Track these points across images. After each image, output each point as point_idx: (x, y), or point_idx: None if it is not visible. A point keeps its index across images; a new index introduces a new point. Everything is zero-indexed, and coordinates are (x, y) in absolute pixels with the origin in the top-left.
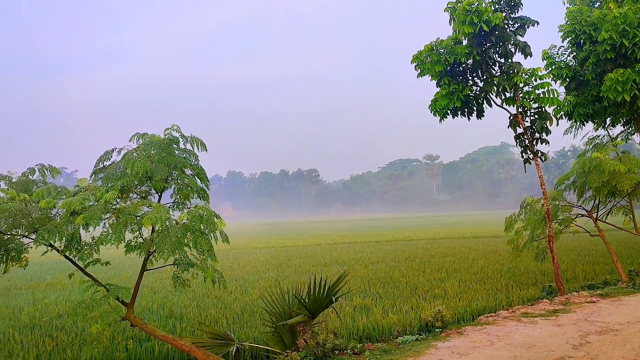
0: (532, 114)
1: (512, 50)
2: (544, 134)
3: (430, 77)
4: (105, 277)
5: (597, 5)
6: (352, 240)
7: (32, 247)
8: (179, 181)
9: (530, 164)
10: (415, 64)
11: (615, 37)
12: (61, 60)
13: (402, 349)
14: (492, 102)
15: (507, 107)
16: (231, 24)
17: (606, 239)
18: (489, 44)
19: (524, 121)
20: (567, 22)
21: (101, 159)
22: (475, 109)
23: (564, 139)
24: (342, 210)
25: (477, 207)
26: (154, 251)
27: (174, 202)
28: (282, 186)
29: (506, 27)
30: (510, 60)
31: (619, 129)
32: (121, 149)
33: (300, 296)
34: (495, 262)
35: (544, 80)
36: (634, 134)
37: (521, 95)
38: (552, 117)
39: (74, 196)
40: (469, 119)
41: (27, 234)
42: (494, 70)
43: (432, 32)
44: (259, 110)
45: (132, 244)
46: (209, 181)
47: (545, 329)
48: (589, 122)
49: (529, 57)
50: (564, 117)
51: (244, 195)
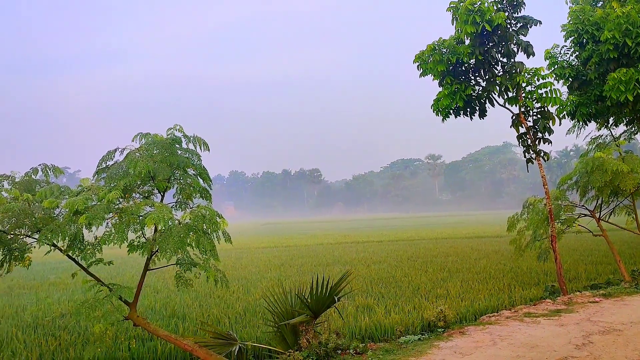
0: (535, 114)
1: (515, 49)
2: (547, 134)
3: (432, 77)
4: (107, 277)
5: (599, 4)
6: (355, 240)
7: (35, 247)
8: (182, 181)
9: (532, 163)
10: (417, 64)
11: (618, 36)
12: (61, 60)
13: (405, 349)
14: (494, 101)
15: (509, 106)
16: (231, 24)
17: (609, 238)
18: (491, 44)
19: (526, 121)
20: (569, 21)
21: (104, 159)
22: (477, 108)
23: (567, 138)
24: (345, 210)
25: (479, 207)
26: (157, 251)
27: (176, 202)
28: (285, 186)
29: (509, 26)
30: (512, 59)
31: (622, 128)
32: (124, 149)
33: (302, 296)
34: (497, 262)
35: (547, 79)
36: (636, 134)
37: (524, 94)
38: (555, 116)
39: (76, 196)
40: (471, 118)
41: (30, 233)
42: (497, 69)
43: (433, 32)
44: (259, 110)
45: (135, 243)
46: (211, 181)
47: (548, 329)
48: (592, 121)
49: (531, 56)
50: (566, 116)
51: (246, 195)
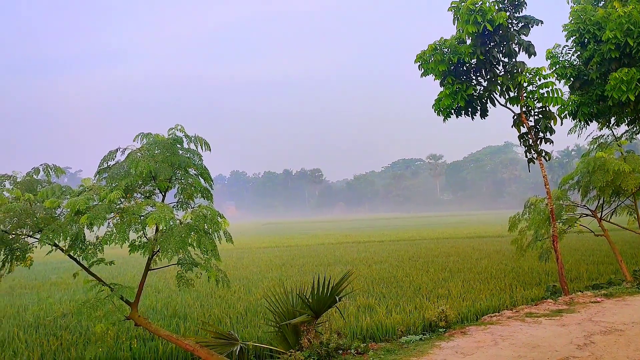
0: (536, 114)
1: (516, 49)
2: (548, 134)
3: (433, 77)
4: (109, 277)
5: (601, 4)
6: (356, 240)
7: (36, 247)
8: (183, 181)
9: (534, 163)
10: (418, 64)
11: (619, 36)
12: (61, 60)
13: (406, 349)
14: (495, 101)
15: (511, 106)
16: (231, 24)
17: (610, 238)
18: (492, 44)
19: (527, 121)
20: (571, 21)
21: (105, 159)
22: (479, 108)
23: (568, 138)
24: (346, 210)
25: (480, 206)
26: (158, 251)
27: (177, 202)
28: (286, 186)
29: (510, 26)
30: (514, 59)
31: (624, 128)
32: (125, 149)
33: (303, 296)
34: (499, 262)
35: (548, 79)
36: (638, 134)
37: (525, 94)
38: (556, 116)
39: (78, 196)
40: (472, 118)
41: (31, 233)
42: (498, 69)
43: (433, 32)
44: (259, 110)
45: (136, 243)
46: (212, 181)
47: (549, 329)
48: (593, 121)
49: (533, 56)
50: (568, 116)
51: (248, 194)
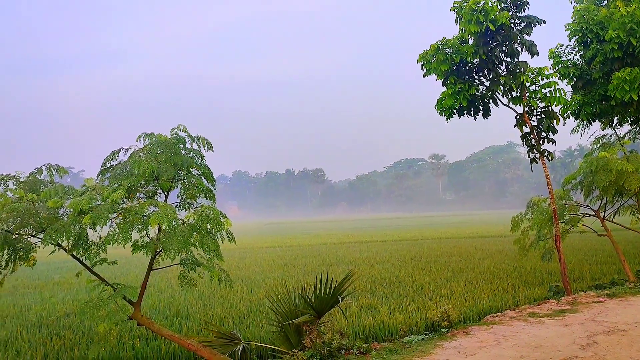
0: (539, 113)
1: (519, 49)
2: (551, 133)
3: (436, 77)
4: (112, 277)
5: (604, 3)
6: (358, 239)
7: (39, 247)
8: (186, 181)
9: (536, 163)
10: (421, 64)
11: (622, 35)
12: (61, 60)
13: (409, 349)
14: (498, 101)
15: (513, 106)
16: (231, 24)
17: (613, 238)
18: (495, 43)
19: (530, 120)
20: (574, 20)
21: (108, 159)
22: (481, 108)
23: (571, 138)
24: (348, 209)
25: (483, 206)
26: (161, 250)
27: (180, 202)
28: (288, 186)
29: (512, 26)
30: (516, 59)
31: (627, 128)
32: (128, 149)
33: (306, 296)
34: (501, 261)
35: (551, 79)
36: None
37: (528, 94)
38: (559, 116)
39: (81, 196)
40: (475, 118)
41: (34, 233)
42: (501, 69)
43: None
44: (259, 110)
45: (139, 243)
46: (215, 181)
47: (552, 329)
48: (596, 121)
49: (535, 56)
50: (570, 116)
51: (250, 194)
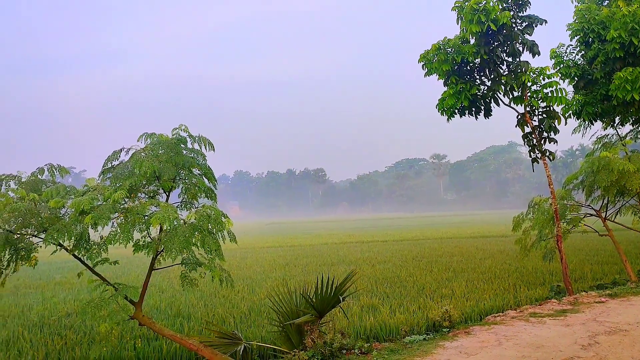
0: (540, 113)
1: (520, 49)
2: (552, 133)
3: (437, 77)
4: (113, 276)
5: (605, 3)
6: (359, 239)
7: (41, 247)
8: (187, 181)
9: (538, 163)
10: (422, 63)
11: (624, 35)
12: (61, 60)
13: (410, 349)
14: (499, 101)
15: (514, 106)
16: (231, 24)
17: (615, 238)
18: (496, 43)
19: (531, 120)
20: (575, 20)
21: (109, 159)
22: (482, 108)
23: (572, 138)
24: (349, 209)
25: (484, 206)
26: (162, 250)
27: (181, 202)
28: (289, 185)
29: (514, 25)
30: (518, 59)
31: (628, 128)
32: (129, 149)
33: (307, 296)
34: (502, 261)
35: (552, 79)
36: None
37: (529, 94)
38: (561, 116)
39: (82, 196)
40: (476, 118)
41: (36, 233)
42: (502, 69)
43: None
44: (259, 110)
45: (140, 243)
46: (216, 180)
47: (553, 329)
48: (598, 121)
49: (537, 55)
50: (572, 116)
51: (251, 194)
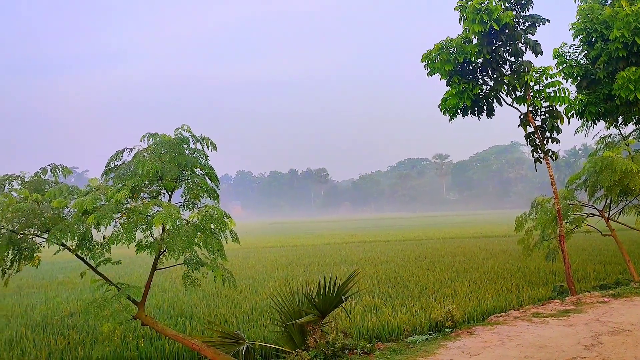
0: (543, 113)
1: (523, 48)
2: (555, 133)
3: (440, 76)
4: (116, 276)
5: (608, 2)
6: (362, 239)
7: (44, 247)
8: (189, 181)
9: (540, 163)
10: (424, 63)
11: (627, 35)
12: (61, 60)
13: (412, 349)
14: (502, 101)
15: (517, 106)
16: (231, 24)
17: (618, 238)
18: (499, 43)
19: (534, 120)
20: (578, 20)
21: (112, 159)
22: (485, 108)
23: (575, 137)
24: (351, 209)
25: (487, 206)
26: (165, 250)
27: (184, 202)
28: (291, 185)
29: (516, 25)
30: (520, 58)
31: (631, 127)
32: (132, 149)
33: (310, 295)
34: (505, 261)
35: (555, 78)
36: None
37: (532, 94)
38: (563, 115)
39: (85, 196)
40: (479, 118)
41: (39, 233)
42: (504, 69)
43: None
44: (260, 110)
45: (143, 243)
46: (218, 180)
47: (556, 329)
48: (601, 120)
49: (539, 55)
50: (575, 115)
51: (253, 194)
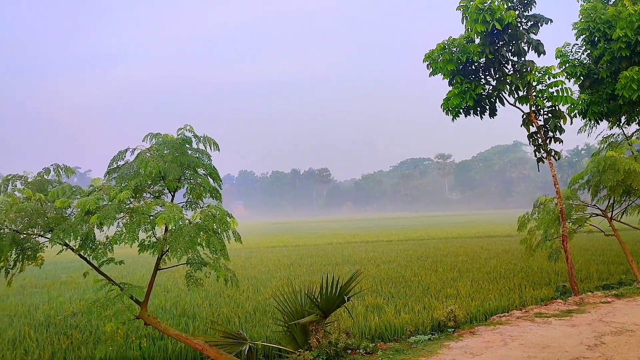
0: (546, 113)
1: (525, 48)
2: (558, 133)
3: (442, 76)
4: (118, 276)
5: (611, 2)
6: (364, 239)
7: (47, 246)
8: (192, 181)
9: (543, 162)
10: (427, 63)
11: (630, 34)
12: (61, 60)
13: (415, 349)
14: (504, 100)
15: (520, 105)
16: (231, 24)
17: (621, 238)
18: (501, 43)
19: (537, 120)
20: (581, 19)
21: (115, 159)
22: (487, 107)
23: (578, 137)
24: (354, 209)
25: (489, 206)
26: (167, 250)
27: (187, 202)
28: (294, 185)
29: (519, 25)
30: (523, 58)
31: (634, 127)
32: (134, 149)
33: (312, 295)
34: (508, 261)
35: (558, 78)
36: None
37: (534, 93)
38: (566, 115)
39: (88, 196)
40: (481, 117)
41: (42, 233)
42: (507, 68)
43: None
44: (260, 110)
45: (146, 243)
46: (221, 180)
47: (559, 329)
48: (604, 120)
49: (542, 55)
50: (577, 115)
51: (256, 194)
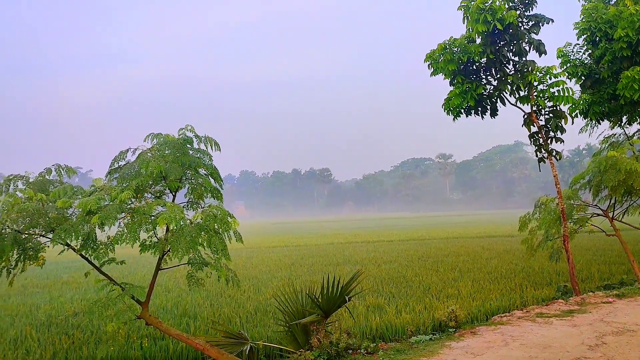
0: (547, 113)
1: (527, 48)
2: (559, 133)
3: (443, 76)
4: (120, 276)
5: (613, 2)
6: (365, 239)
7: (48, 246)
8: (193, 181)
9: (544, 162)
10: (428, 63)
11: (631, 34)
12: (61, 60)
13: (416, 349)
14: (506, 100)
15: (521, 105)
16: (231, 24)
17: (622, 238)
18: (502, 42)
19: (538, 120)
20: (582, 19)
21: (116, 159)
22: (488, 107)
23: (579, 137)
24: (355, 209)
25: (490, 206)
26: (169, 250)
27: (188, 202)
28: (295, 185)
29: (520, 25)
30: (524, 58)
31: (635, 127)
32: (136, 149)
33: (313, 295)
34: (509, 261)
35: (559, 78)
36: None
37: (535, 93)
38: (567, 115)
39: (89, 196)
40: (482, 117)
41: (44, 233)
42: (508, 68)
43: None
44: (260, 110)
45: (147, 243)
46: (222, 180)
47: (560, 329)
48: (605, 120)
49: (543, 55)
50: (579, 115)
51: (257, 194)
